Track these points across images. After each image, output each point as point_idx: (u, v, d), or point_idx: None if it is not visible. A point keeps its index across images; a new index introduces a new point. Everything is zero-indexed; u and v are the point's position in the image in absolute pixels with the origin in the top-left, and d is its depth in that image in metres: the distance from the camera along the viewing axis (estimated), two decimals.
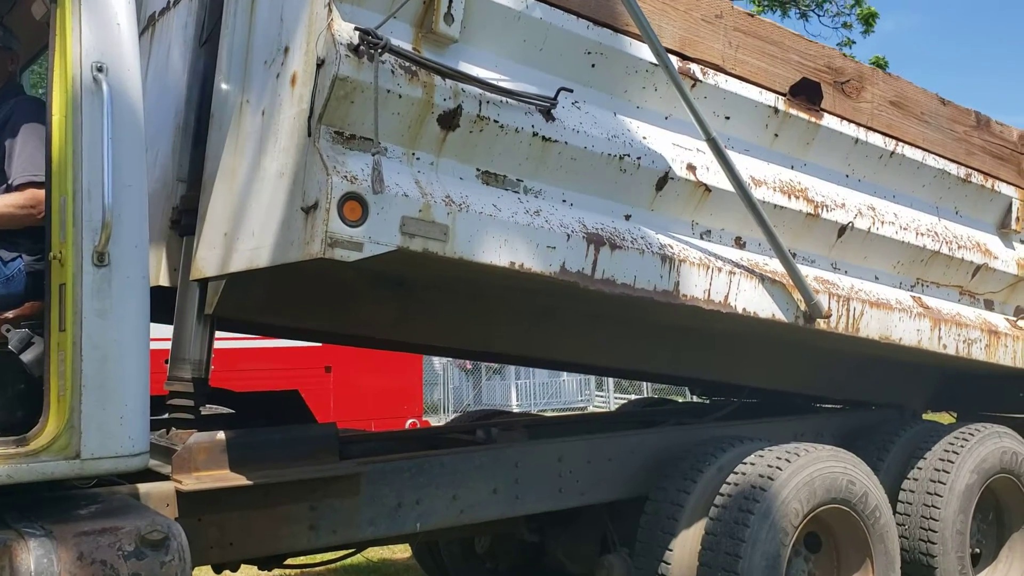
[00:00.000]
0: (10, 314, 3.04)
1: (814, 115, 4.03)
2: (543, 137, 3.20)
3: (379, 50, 2.77)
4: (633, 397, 23.07)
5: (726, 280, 3.68)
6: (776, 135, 3.96)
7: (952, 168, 4.64)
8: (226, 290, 3.33)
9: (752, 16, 3.92)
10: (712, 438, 4.44)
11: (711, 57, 3.70)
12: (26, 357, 2.92)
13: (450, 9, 2.98)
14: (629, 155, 3.43)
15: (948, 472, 4.93)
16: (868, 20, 15.37)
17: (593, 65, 3.40)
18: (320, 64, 2.78)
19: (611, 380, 23.92)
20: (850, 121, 4.18)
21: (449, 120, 3.00)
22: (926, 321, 4.46)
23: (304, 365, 10.00)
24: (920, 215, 4.55)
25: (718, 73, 3.72)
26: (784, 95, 3.93)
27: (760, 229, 3.72)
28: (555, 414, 21.09)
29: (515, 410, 23.26)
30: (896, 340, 4.31)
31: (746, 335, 4.46)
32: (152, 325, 2.98)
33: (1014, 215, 4.99)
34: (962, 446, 5.04)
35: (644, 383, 22.93)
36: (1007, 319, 5.05)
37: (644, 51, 3.47)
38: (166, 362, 3.57)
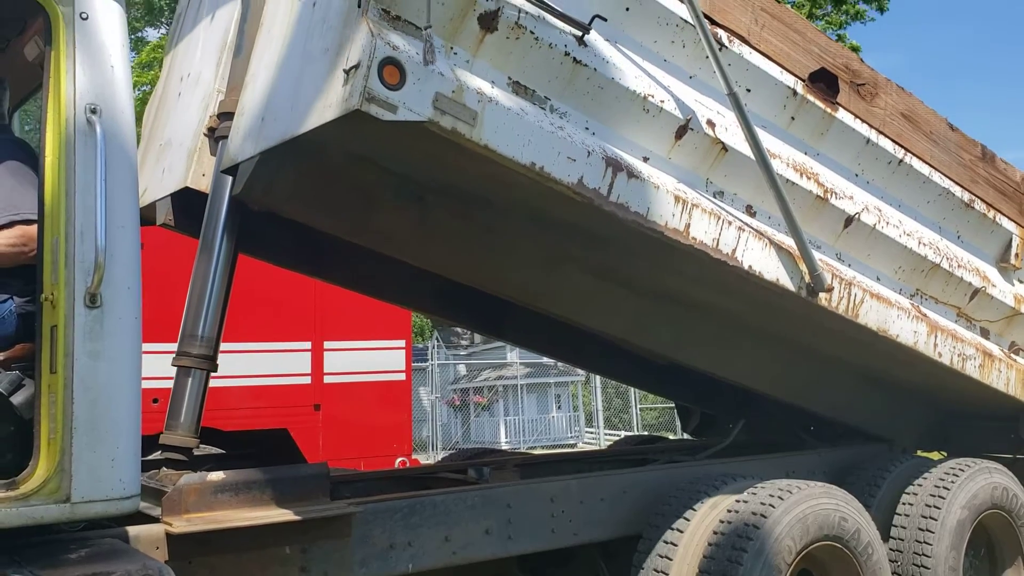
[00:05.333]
0: (0, 356, 3.05)
1: (830, 106, 4.21)
2: (574, 59, 3.37)
3: None
4: (623, 433, 23.01)
5: (735, 235, 3.79)
6: (793, 118, 4.13)
7: (956, 191, 4.79)
8: (255, 173, 3.44)
9: (779, 2, 4.15)
10: (704, 476, 4.48)
11: (738, 28, 3.90)
12: (16, 400, 2.91)
13: None
14: (653, 96, 3.59)
15: (939, 508, 4.93)
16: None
17: (627, 8, 3.59)
18: None
19: (601, 416, 23.83)
20: (863, 121, 4.35)
21: (489, 21, 3.17)
22: (923, 325, 4.55)
23: (293, 403, 9.99)
24: (923, 228, 4.68)
25: (743, 44, 3.91)
26: (803, 80, 4.12)
27: (771, 192, 3.85)
28: (545, 451, 20.88)
29: (504, 447, 22.92)
30: (893, 336, 4.38)
31: (748, 321, 4.53)
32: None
33: (1013, 251, 5.12)
34: (952, 482, 5.04)
35: (634, 419, 22.84)
36: (1002, 350, 5.13)
37: (676, 6, 3.68)
38: (154, 401, 3.62)
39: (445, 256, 3.97)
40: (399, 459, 10.03)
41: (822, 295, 4.05)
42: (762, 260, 3.88)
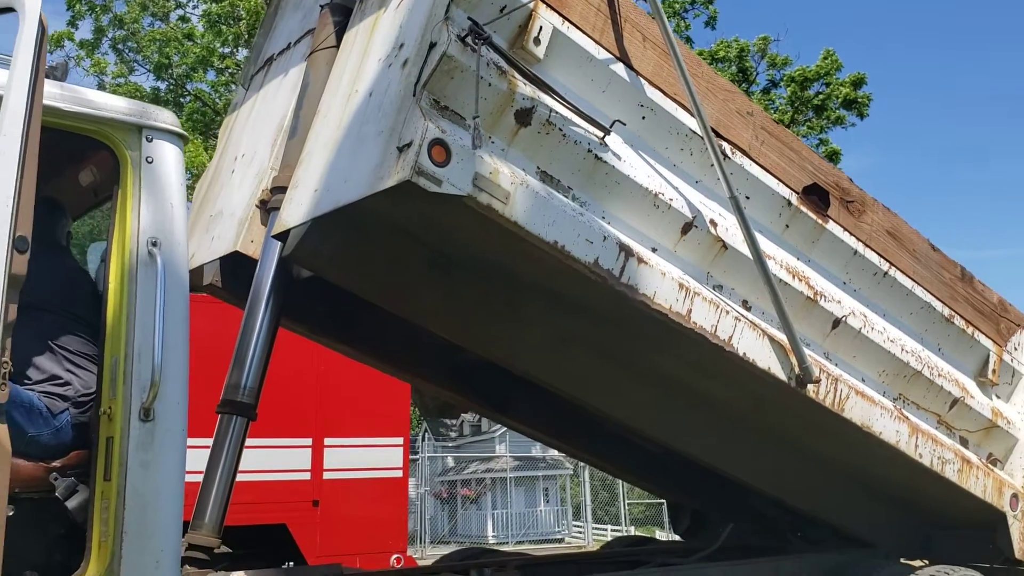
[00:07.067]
0: (57, 463, 3.29)
1: (821, 218, 4.64)
2: (595, 156, 3.82)
3: (482, 41, 3.46)
4: (610, 528, 22.78)
5: (732, 323, 4.16)
6: (787, 225, 4.56)
7: (938, 305, 5.18)
8: (304, 239, 3.84)
9: (778, 124, 4.64)
10: None
11: (740, 142, 4.37)
12: (71, 504, 3.18)
13: (539, 34, 3.69)
14: (663, 194, 4.02)
15: None
16: (831, 158, 16.72)
17: (643, 117, 4.06)
18: (432, 45, 3.44)
19: (589, 511, 23.74)
20: (851, 234, 4.78)
21: (524, 117, 3.63)
22: (905, 426, 4.86)
23: (292, 499, 10.15)
24: (906, 337, 5.04)
25: (744, 157, 4.37)
26: (798, 193, 4.57)
27: (766, 289, 4.23)
28: (533, 547, 20.56)
29: (491, 541, 22.54)
30: (876, 432, 4.69)
31: (741, 412, 4.85)
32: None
33: (991, 367, 5.47)
34: None
35: (621, 513, 22.72)
36: (980, 459, 5.41)
37: (686, 118, 4.15)
38: None
39: (466, 327, 4.33)
40: (394, 556, 10.12)
41: (810, 387, 4.38)
42: (756, 349, 4.23)
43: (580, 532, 25.00)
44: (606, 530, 23.60)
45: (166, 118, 3.53)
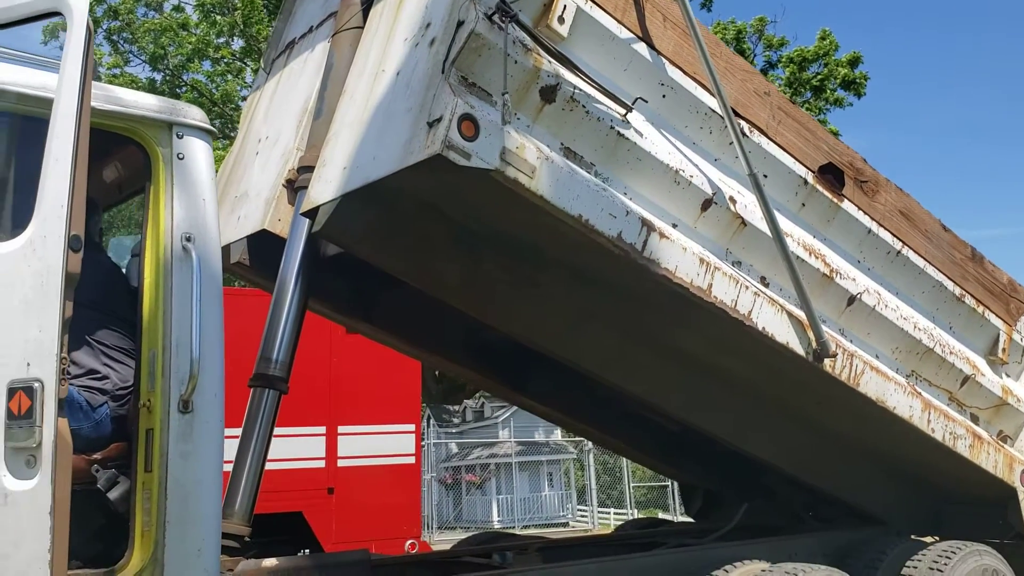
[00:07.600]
0: (98, 455, 3.36)
1: (836, 197, 4.72)
2: (618, 132, 3.89)
3: (509, 19, 3.53)
4: (613, 511, 22.96)
5: (751, 298, 4.24)
6: (803, 204, 4.63)
7: (949, 285, 5.26)
8: (334, 215, 3.91)
9: (793, 103, 4.71)
10: (715, 559, 4.84)
11: (758, 121, 4.44)
12: (113, 495, 3.25)
13: (563, 13, 3.76)
14: (683, 171, 4.10)
15: None
16: None
17: (664, 96, 4.14)
18: (460, 24, 3.52)
19: (595, 494, 23.92)
20: (865, 213, 4.85)
21: (548, 94, 3.70)
22: (918, 401, 4.94)
23: (308, 487, 10.24)
24: (919, 315, 5.12)
25: (762, 135, 4.44)
26: (813, 172, 4.64)
27: (784, 265, 4.31)
28: (538, 531, 20.67)
29: (496, 526, 22.62)
30: (891, 407, 4.77)
31: (758, 387, 4.93)
32: None
33: (1000, 346, 5.55)
34: (946, 563, 5.36)
35: (627, 497, 22.91)
36: (991, 436, 5.50)
37: (706, 97, 4.23)
38: None
39: (489, 302, 4.41)
40: (408, 541, 10.21)
41: (827, 361, 4.46)
42: (774, 323, 4.31)
43: (584, 516, 25.15)
44: (609, 513, 23.78)
45: (195, 115, 3.59)
